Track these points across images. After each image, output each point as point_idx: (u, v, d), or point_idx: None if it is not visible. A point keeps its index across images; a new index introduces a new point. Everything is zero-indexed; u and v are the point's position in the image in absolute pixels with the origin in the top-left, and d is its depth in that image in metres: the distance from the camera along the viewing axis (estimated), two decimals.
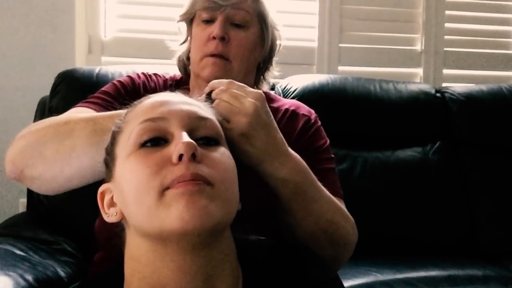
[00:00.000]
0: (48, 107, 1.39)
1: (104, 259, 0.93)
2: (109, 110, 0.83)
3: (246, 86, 0.77)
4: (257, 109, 0.74)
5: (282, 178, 0.76)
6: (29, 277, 0.89)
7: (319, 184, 0.82)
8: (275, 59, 1.12)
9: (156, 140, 0.62)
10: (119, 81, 1.04)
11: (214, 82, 0.77)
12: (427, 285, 1.24)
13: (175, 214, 0.56)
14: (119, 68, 1.46)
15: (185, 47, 1.09)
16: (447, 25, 2.04)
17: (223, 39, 0.98)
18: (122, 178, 0.62)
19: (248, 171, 0.69)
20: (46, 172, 0.78)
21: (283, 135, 0.80)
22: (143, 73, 1.08)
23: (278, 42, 1.09)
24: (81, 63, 1.72)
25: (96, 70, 1.43)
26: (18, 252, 1.01)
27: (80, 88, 1.36)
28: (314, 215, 0.80)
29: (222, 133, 0.67)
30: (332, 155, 1.01)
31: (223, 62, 0.98)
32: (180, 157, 0.58)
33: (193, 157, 0.59)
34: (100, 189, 0.67)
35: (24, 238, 1.11)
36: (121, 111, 0.73)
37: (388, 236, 1.52)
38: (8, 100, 1.65)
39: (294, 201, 0.78)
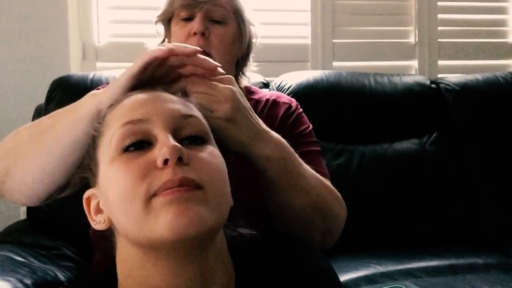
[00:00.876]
0: (44, 114, 1.40)
1: (102, 262, 0.94)
2: None
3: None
4: (234, 93, 0.76)
5: (268, 155, 0.78)
6: (28, 282, 0.89)
7: (302, 161, 0.84)
8: (252, 55, 1.14)
9: (139, 144, 0.59)
10: (103, 87, 1.03)
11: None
12: (428, 275, 1.24)
13: (164, 223, 0.54)
14: (112, 73, 1.47)
15: None
16: (440, 16, 2.04)
17: (203, 34, 0.99)
18: (106, 185, 0.60)
19: (237, 163, 0.69)
20: (24, 177, 0.76)
21: (266, 122, 0.82)
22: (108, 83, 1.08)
23: (254, 38, 1.11)
24: (75, 69, 1.72)
25: (90, 76, 1.44)
26: (18, 258, 1.01)
27: (75, 94, 1.34)
28: (303, 191, 0.81)
29: (208, 130, 0.65)
30: (316, 140, 1.03)
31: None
32: (166, 161, 0.56)
33: (180, 160, 0.56)
34: (86, 195, 0.65)
35: (24, 245, 1.11)
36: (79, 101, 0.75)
37: (388, 229, 1.52)
38: (4, 108, 1.66)
39: (283, 178, 0.79)
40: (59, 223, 1.29)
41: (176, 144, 0.57)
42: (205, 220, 0.55)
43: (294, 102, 1.07)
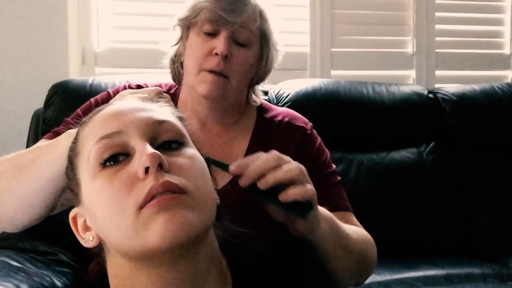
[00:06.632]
0: (42, 119, 1.40)
1: (98, 269, 0.93)
2: None
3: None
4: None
5: (322, 233, 0.76)
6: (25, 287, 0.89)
7: (343, 224, 0.84)
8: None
9: (117, 157, 0.59)
10: (95, 99, 1.03)
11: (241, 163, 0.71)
12: (425, 285, 1.25)
13: (155, 233, 0.54)
14: (112, 78, 1.47)
15: (175, 49, 1.06)
16: (437, 26, 2.06)
17: (225, 57, 0.95)
18: (92, 203, 0.60)
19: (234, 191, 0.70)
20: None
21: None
22: (124, 86, 1.06)
23: (274, 62, 1.08)
24: (74, 74, 1.72)
25: (89, 81, 1.45)
26: (14, 263, 1.02)
27: (74, 99, 1.36)
28: (348, 249, 0.83)
29: (185, 132, 0.65)
30: (334, 166, 1.04)
31: (222, 80, 0.96)
32: (147, 170, 0.56)
33: (160, 167, 0.56)
34: (71, 214, 0.65)
35: (21, 250, 1.12)
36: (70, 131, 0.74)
37: (385, 237, 1.49)
38: (2, 112, 1.66)
39: (336, 250, 0.79)
40: (56, 228, 1.27)
41: (155, 151, 0.57)
42: (194, 224, 0.56)
43: (308, 124, 1.06)
